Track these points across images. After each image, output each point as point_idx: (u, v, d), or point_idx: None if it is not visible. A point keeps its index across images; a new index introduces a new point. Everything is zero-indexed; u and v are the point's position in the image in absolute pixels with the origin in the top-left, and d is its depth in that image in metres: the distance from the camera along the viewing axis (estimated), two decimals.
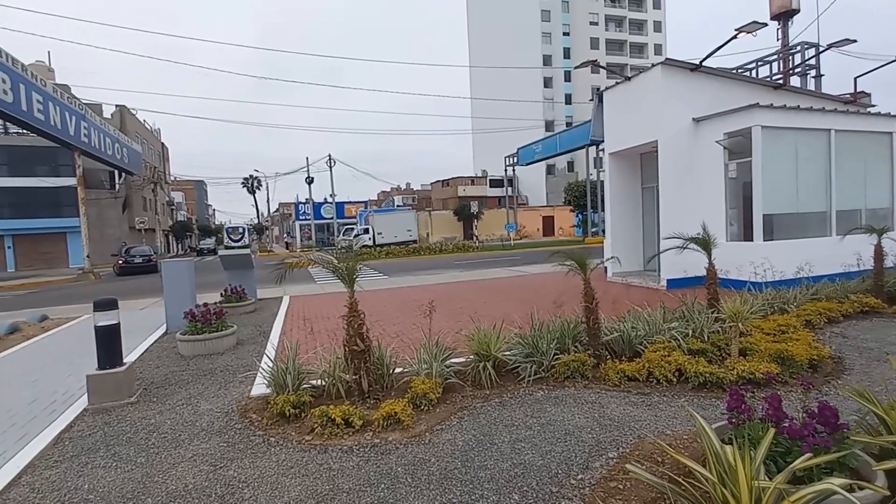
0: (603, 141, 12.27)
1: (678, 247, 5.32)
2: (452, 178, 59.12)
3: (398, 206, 54.40)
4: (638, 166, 11.34)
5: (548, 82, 59.83)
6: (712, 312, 5.17)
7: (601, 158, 30.47)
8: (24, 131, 24.38)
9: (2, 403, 4.52)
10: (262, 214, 58.14)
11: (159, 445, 3.44)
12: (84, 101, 25.49)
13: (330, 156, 41.43)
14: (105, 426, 3.85)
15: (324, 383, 4.06)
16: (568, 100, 59.76)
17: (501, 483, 2.72)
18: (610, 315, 5.17)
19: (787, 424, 2.28)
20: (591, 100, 31.21)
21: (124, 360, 4.53)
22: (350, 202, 49.44)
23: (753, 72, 18.38)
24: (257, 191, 56.92)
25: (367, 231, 35.92)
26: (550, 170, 58.56)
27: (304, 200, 47.05)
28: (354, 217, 42.86)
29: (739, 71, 16.60)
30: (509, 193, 43.57)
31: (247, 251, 9.81)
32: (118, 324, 4.43)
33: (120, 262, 24.15)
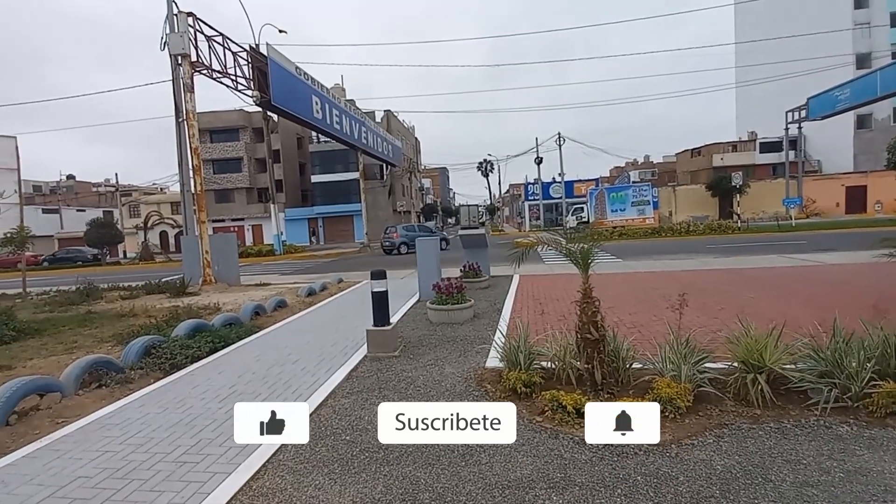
0: None
1: None
2: (705, 146, 50.27)
3: (633, 181, 49.81)
4: None
5: (861, 1, 43.69)
6: None
7: None
8: (328, 139, 32.71)
9: (316, 343, 6.12)
10: (494, 196, 62.43)
11: (414, 397, 4.02)
12: (364, 111, 32.24)
13: (559, 133, 40.98)
14: (378, 372, 4.75)
15: (554, 367, 3.99)
16: (895, 20, 42.41)
17: None
18: None
19: None
20: None
21: (391, 321, 5.49)
22: (580, 180, 47.62)
23: None
24: (490, 174, 61.46)
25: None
26: (863, 122, 43.02)
27: (532, 181, 48.00)
28: (584, 196, 41.13)
29: None
30: (791, 159, 34.31)
31: (482, 231, 10.76)
32: (386, 291, 5.38)
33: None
